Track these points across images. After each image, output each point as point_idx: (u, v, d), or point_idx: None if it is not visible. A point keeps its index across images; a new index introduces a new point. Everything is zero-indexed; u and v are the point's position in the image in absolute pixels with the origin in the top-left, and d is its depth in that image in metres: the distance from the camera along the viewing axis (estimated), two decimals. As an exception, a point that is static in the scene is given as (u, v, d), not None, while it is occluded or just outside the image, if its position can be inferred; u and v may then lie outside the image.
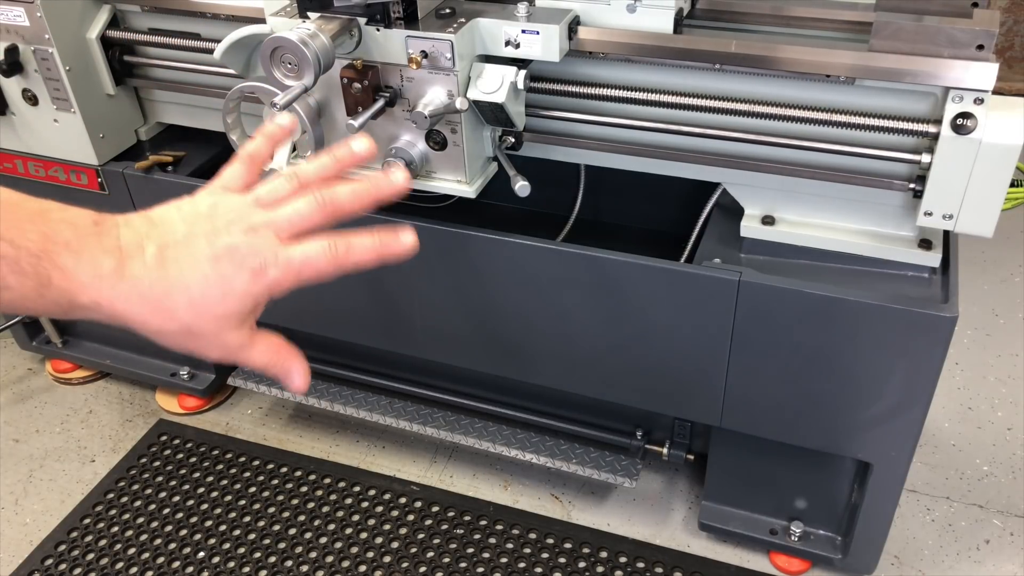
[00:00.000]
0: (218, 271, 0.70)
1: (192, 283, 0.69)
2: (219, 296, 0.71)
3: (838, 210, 1.31)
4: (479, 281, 1.46)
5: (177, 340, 0.72)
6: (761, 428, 1.44)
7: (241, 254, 0.71)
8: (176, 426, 1.99)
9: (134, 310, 0.69)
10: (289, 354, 0.81)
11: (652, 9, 1.21)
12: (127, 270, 0.68)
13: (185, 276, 0.69)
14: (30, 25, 1.46)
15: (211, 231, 0.71)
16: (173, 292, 0.69)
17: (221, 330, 0.73)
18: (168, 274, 0.69)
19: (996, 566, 1.64)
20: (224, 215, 0.72)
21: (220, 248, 0.70)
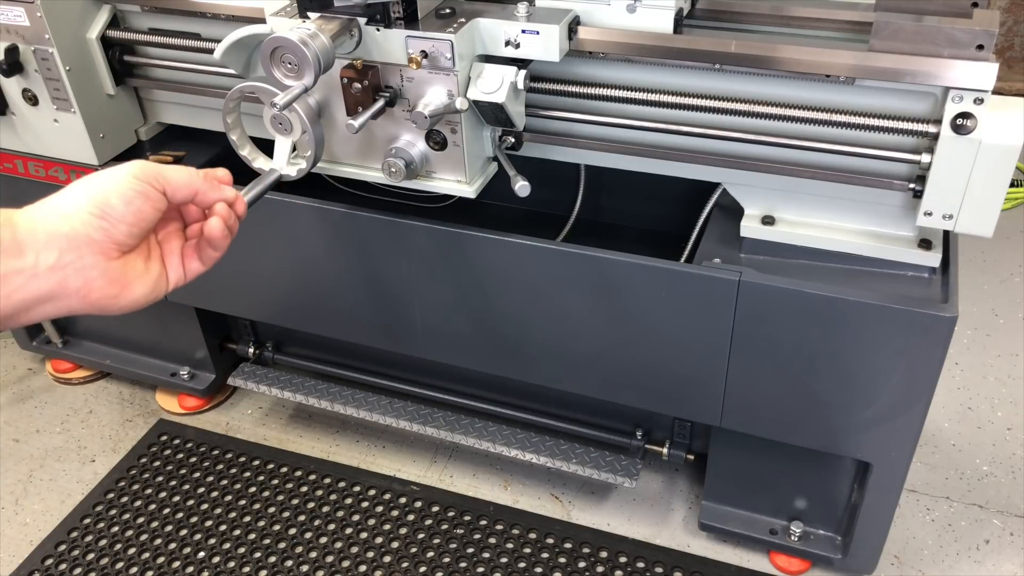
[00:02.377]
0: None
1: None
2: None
3: (838, 210, 1.32)
4: (479, 281, 1.46)
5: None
6: (761, 428, 1.44)
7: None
8: (176, 426, 1.99)
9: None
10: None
11: (652, 9, 1.21)
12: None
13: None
14: (30, 25, 1.46)
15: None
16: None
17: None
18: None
19: (996, 566, 1.64)
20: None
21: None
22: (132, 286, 0.82)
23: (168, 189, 0.84)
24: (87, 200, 0.78)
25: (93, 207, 0.77)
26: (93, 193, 0.78)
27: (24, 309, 0.75)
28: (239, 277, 1.67)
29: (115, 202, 0.78)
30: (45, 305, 0.76)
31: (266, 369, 1.95)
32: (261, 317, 1.81)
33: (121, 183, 0.80)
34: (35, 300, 0.75)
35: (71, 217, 0.76)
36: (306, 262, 1.57)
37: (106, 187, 0.79)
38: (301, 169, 1.22)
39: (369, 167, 1.35)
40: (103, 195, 0.78)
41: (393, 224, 1.44)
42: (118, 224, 0.79)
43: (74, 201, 0.78)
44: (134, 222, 0.80)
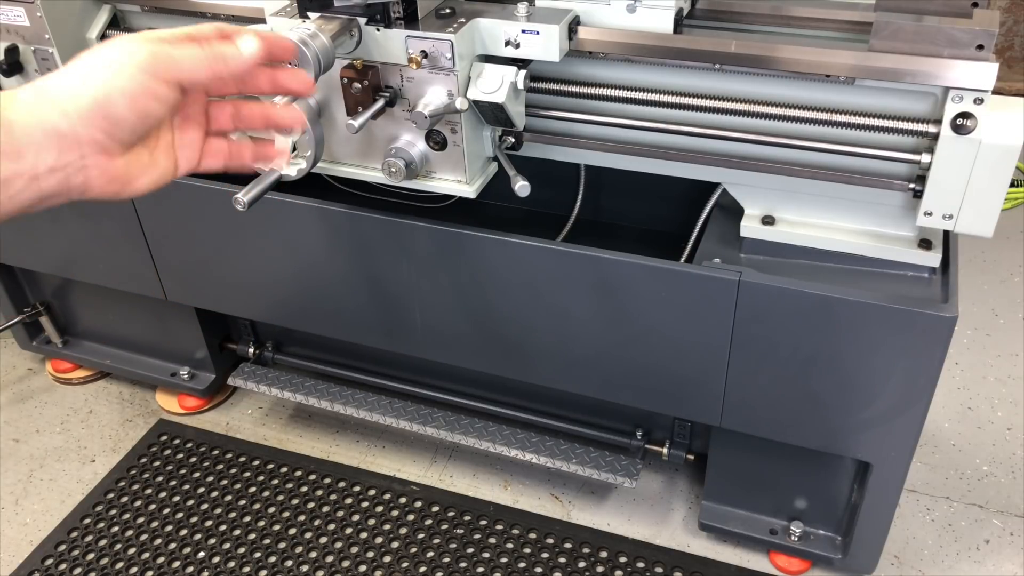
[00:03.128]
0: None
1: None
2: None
3: (838, 210, 1.32)
4: (479, 281, 1.46)
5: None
6: (761, 428, 1.44)
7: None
8: (176, 426, 1.99)
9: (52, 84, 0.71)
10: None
11: (652, 9, 1.21)
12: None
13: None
14: (30, 25, 1.46)
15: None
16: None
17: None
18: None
19: (996, 566, 1.64)
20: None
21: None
22: (135, 181, 0.78)
23: (183, 78, 0.77)
24: (89, 99, 0.72)
25: (95, 107, 0.72)
26: (95, 91, 0.72)
27: (26, 208, 0.72)
28: (239, 277, 1.67)
29: (119, 103, 0.73)
30: (47, 202, 0.73)
31: (266, 369, 1.95)
32: (261, 317, 1.81)
33: (128, 80, 0.73)
34: (36, 200, 0.72)
35: (70, 116, 0.71)
36: (306, 262, 1.57)
37: (110, 85, 0.72)
38: (301, 169, 1.22)
39: (369, 167, 1.35)
40: (106, 95, 0.72)
41: (393, 224, 1.44)
42: (122, 126, 0.74)
43: (74, 98, 0.72)
44: (139, 121, 0.75)
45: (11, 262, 1.94)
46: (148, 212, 1.65)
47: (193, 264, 1.70)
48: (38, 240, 1.82)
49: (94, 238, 1.75)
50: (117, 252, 1.74)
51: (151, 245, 1.69)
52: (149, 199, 1.61)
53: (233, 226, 1.59)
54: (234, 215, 1.27)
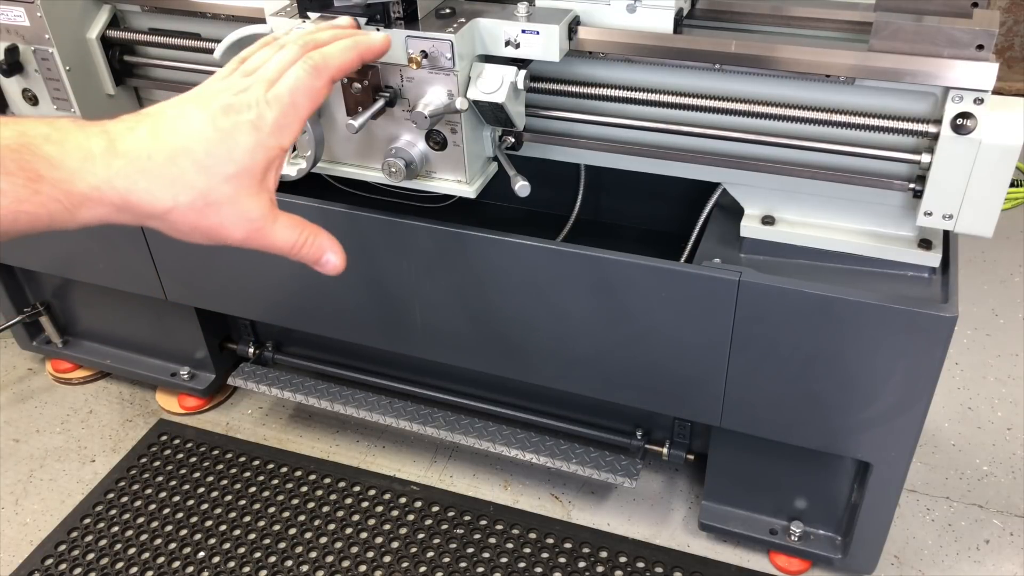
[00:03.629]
0: (218, 128, 0.70)
1: (193, 144, 0.68)
2: (226, 153, 0.69)
3: (838, 210, 1.32)
4: (479, 281, 1.46)
5: (196, 219, 0.69)
6: (761, 428, 1.44)
7: (235, 110, 0.71)
8: (176, 426, 1.99)
9: (140, 186, 0.66)
10: (318, 228, 0.79)
11: (652, 9, 1.21)
12: (120, 146, 0.66)
13: (184, 139, 0.68)
14: (30, 25, 1.46)
15: (202, 101, 0.72)
16: (176, 157, 0.67)
17: (239, 194, 0.70)
18: (166, 142, 0.68)
19: (996, 566, 1.64)
20: (211, 89, 0.74)
21: (214, 109, 0.71)
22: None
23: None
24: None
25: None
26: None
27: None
28: (239, 277, 1.67)
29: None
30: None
31: (266, 369, 1.95)
32: (261, 317, 1.81)
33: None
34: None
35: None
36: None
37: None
38: (301, 169, 1.22)
39: (369, 167, 1.35)
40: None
41: (393, 224, 1.44)
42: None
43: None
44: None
45: (11, 262, 1.94)
46: (148, 212, 1.65)
47: (193, 264, 1.70)
48: (38, 240, 1.81)
49: (94, 238, 1.75)
50: (117, 252, 1.74)
51: (151, 245, 1.69)
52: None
53: (233, 226, 1.58)
54: (234, 215, 1.28)
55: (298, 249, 0.77)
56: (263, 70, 0.76)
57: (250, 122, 0.71)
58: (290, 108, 0.74)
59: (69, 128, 0.66)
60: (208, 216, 0.69)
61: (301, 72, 0.76)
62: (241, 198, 0.70)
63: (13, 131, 0.63)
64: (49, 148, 0.64)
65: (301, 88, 0.75)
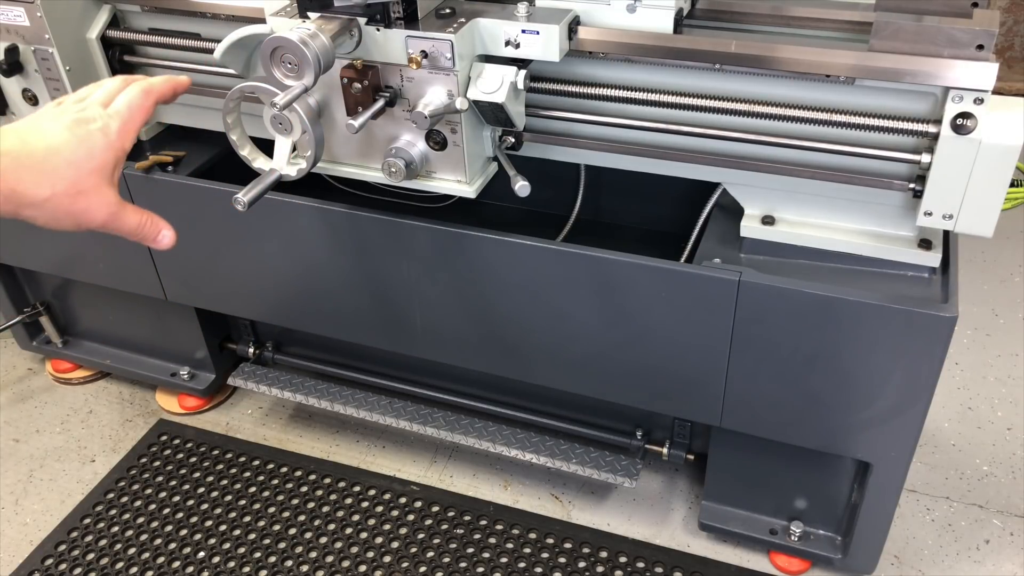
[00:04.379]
0: (75, 134, 0.86)
1: (60, 146, 0.85)
2: (87, 152, 0.86)
3: (838, 210, 1.32)
4: (479, 281, 1.46)
5: (68, 205, 0.85)
6: (761, 428, 1.44)
7: (85, 121, 0.88)
8: (176, 426, 1.99)
9: (24, 178, 0.81)
10: (152, 213, 0.96)
11: (652, 9, 1.21)
12: (0, 148, 0.81)
13: (52, 143, 0.85)
14: (30, 25, 1.46)
15: (51, 117, 0.88)
16: (50, 155, 0.84)
17: (100, 184, 0.87)
18: (37, 145, 0.84)
19: (996, 566, 1.64)
20: (53, 110, 0.91)
21: (68, 121, 0.88)
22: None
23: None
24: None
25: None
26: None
27: None
28: (239, 277, 1.67)
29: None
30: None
31: (266, 369, 1.95)
32: (261, 317, 1.81)
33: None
34: None
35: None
36: (306, 262, 1.57)
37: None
38: (301, 169, 1.22)
39: (369, 167, 1.35)
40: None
41: (393, 224, 1.44)
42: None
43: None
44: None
45: (11, 262, 1.94)
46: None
47: (193, 264, 1.70)
48: (38, 240, 1.82)
49: (94, 238, 1.74)
50: (117, 252, 1.74)
51: (151, 245, 1.69)
52: (148, 198, 1.61)
53: (233, 226, 1.59)
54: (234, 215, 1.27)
55: (141, 228, 0.94)
56: (94, 95, 0.94)
57: (100, 129, 0.89)
58: (128, 118, 0.92)
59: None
60: (78, 202, 0.86)
61: (135, 91, 0.95)
62: (102, 187, 0.88)
63: None
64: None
65: (136, 103, 0.94)
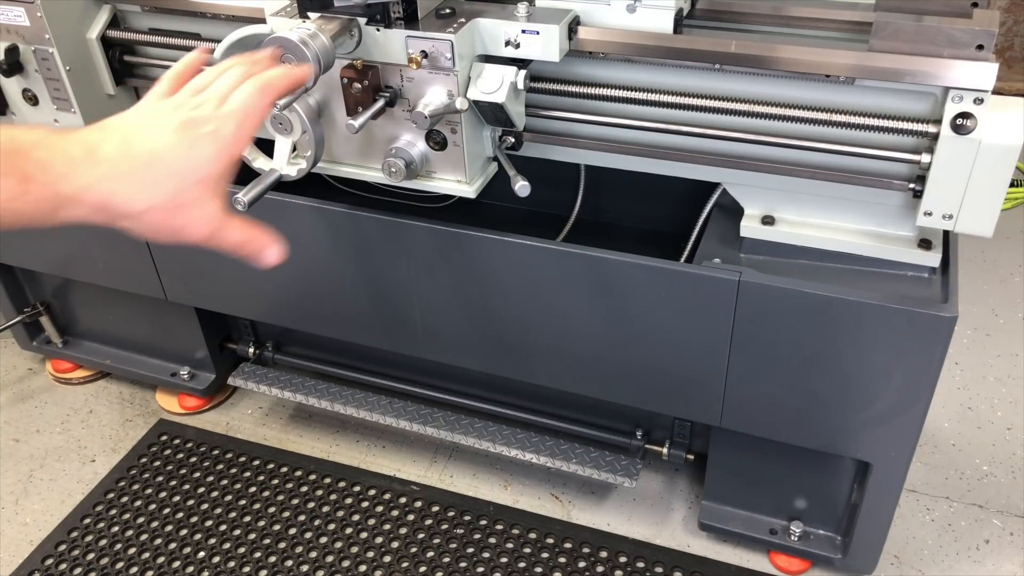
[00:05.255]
0: (183, 139, 0.78)
1: (164, 153, 0.77)
2: (193, 161, 0.78)
3: (838, 210, 1.32)
4: (479, 281, 1.46)
5: (166, 219, 0.77)
6: (761, 428, 1.44)
7: (196, 123, 0.79)
8: (176, 426, 1.99)
9: (120, 188, 0.74)
10: (259, 227, 0.87)
11: (652, 9, 1.21)
12: (99, 153, 0.74)
13: (156, 149, 0.77)
14: (30, 25, 1.46)
15: (162, 115, 0.80)
16: (151, 164, 0.76)
17: (203, 197, 0.78)
18: (140, 151, 0.76)
19: (996, 566, 1.64)
20: (166, 106, 0.82)
21: (176, 123, 0.79)
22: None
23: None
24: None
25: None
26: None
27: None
28: (239, 277, 1.67)
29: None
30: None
31: (266, 369, 1.95)
32: (261, 317, 1.81)
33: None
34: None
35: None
36: (306, 262, 1.57)
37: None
38: (301, 169, 1.22)
39: (369, 167, 1.35)
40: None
41: (393, 224, 1.44)
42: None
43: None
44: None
45: (11, 262, 1.94)
46: (148, 212, 1.65)
47: (193, 264, 1.70)
48: (38, 240, 1.82)
49: (94, 238, 1.75)
50: (117, 252, 1.74)
51: (151, 245, 1.69)
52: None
53: (233, 226, 1.58)
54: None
55: (246, 244, 0.85)
56: (212, 89, 0.84)
57: (210, 134, 0.79)
58: (243, 122, 0.82)
59: (51, 137, 0.73)
60: (177, 217, 0.77)
61: (251, 89, 0.84)
62: (205, 201, 0.79)
63: (5, 136, 0.70)
64: (38, 153, 0.71)
65: (251, 104, 0.83)
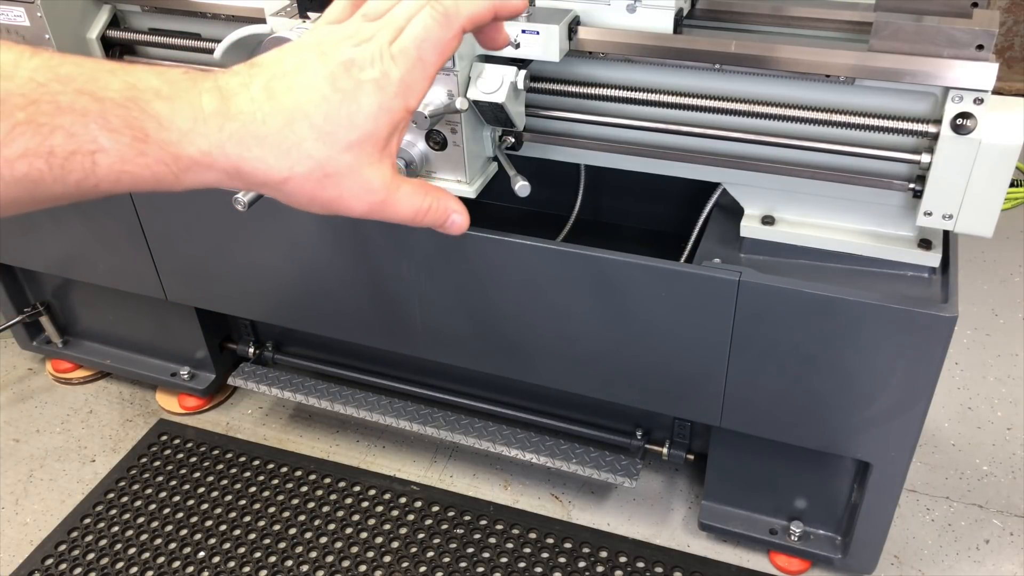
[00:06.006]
0: (338, 89, 0.61)
1: (312, 108, 0.61)
2: (347, 118, 0.61)
3: (838, 210, 1.32)
4: (479, 281, 1.46)
5: (313, 190, 0.63)
6: (761, 428, 1.44)
7: (358, 66, 0.62)
8: (176, 426, 1.99)
9: (254, 153, 0.60)
10: (440, 189, 0.70)
11: (652, 9, 1.21)
12: (232, 107, 0.60)
13: (302, 102, 0.61)
14: (30, 25, 1.46)
15: (321, 53, 0.63)
16: (293, 122, 0.60)
17: (360, 164, 0.63)
18: (282, 103, 0.60)
19: (996, 566, 1.64)
20: (332, 37, 0.64)
21: (334, 65, 0.62)
22: None
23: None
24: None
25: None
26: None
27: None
28: (239, 277, 1.67)
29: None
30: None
31: (266, 369, 1.95)
32: (261, 317, 1.81)
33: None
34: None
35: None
36: (306, 262, 1.57)
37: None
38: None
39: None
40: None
41: (393, 224, 1.44)
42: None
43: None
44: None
45: (11, 262, 1.94)
46: (148, 212, 1.65)
47: (193, 264, 1.70)
48: (38, 240, 1.82)
49: (94, 238, 1.75)
50: (117, 252, 1.74)
51: (151, 245, 1.69)
52: (148, 199, 1.61)
53: (233, 226, 1.59)
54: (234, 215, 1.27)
55: (423, 215, 0.69)
56: (389, 16, 0.65)
57: (374, 80, 0.62)
58: (417, 63, 0.64)
59: (180, 82, 0.60)
60: (327, 187, 0.64)
61: (429, 20, 0.64)
62: (363, 167, 0.63)
63: (122, 82, 0.57)
64: (159, 105, 0.58)
65: (431, 40, 0.64)
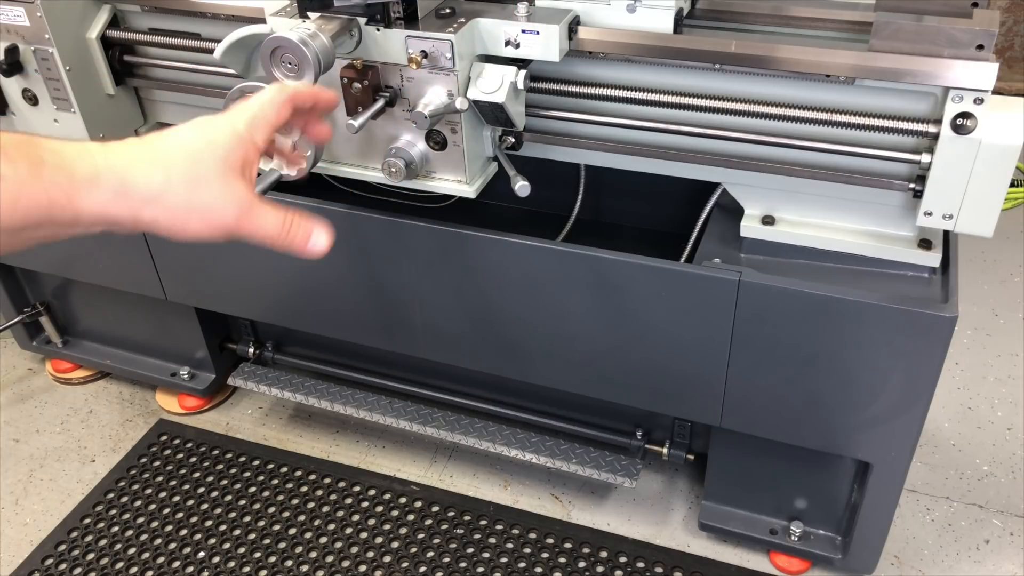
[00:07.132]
0: (197, 127, 0.79)
1: (180, 138, 0.78)
2: (209, 142, 0.78)
3: (838, 210, 1.32)
4: (479, 281, 1.46)
5: (189, 196, 0.75)
6: (761, 428, 1.44)
7: (211, 119, 0.81)
8: (176, 426, 1.99)
9: (138, 167, 0.73)
10: (303, 213, 0.84)
11: (652, 9, 1.21)
12: (114, 145, 0.74)
13: (171, 136, 0.78)
14: (30, 25, 1.46)
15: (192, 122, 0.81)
16: (166, 146, 0.76)
17: (225, 175, 0.77)
18: (155, 139, 0.77)
19: (996, 566, 1.64)
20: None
21: (193, 121, 0.81)
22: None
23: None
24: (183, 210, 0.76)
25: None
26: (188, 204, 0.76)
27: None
28: (239, 277, 1.67)
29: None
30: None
31: (266, 369, 1.95)
32: (261, 317, 1.81)
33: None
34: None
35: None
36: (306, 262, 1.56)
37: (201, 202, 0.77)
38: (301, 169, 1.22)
39: (369, 167, 1.35)
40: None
41: (393, 224, 1.44)
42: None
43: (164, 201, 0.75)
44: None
45: (11, 262, 1.94)
46: (148, 212, 1.65)
47: (193, 264, 1.70)
48: (38, 240, 1.82)
49: (94, 238, 1.74)
50: (117, 252, 1.74)
51: (151, 245, 1.69)
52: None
53: (233, 226, 1.58)
54: (234, 215, 1.28)
55: (286, 232, 0.83)
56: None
57: (226, 119, 0.81)
58: (259, 111, 0.83)
59: (69, 139, 0.74)
60: (199, 193, 0.75)
61: (270, 89, 0.87)
62: (228, 178, 0.77)
63: (18, 133, 0.70)
64: (52, 142, 0.71)
65: (267, 99, 0.85)
